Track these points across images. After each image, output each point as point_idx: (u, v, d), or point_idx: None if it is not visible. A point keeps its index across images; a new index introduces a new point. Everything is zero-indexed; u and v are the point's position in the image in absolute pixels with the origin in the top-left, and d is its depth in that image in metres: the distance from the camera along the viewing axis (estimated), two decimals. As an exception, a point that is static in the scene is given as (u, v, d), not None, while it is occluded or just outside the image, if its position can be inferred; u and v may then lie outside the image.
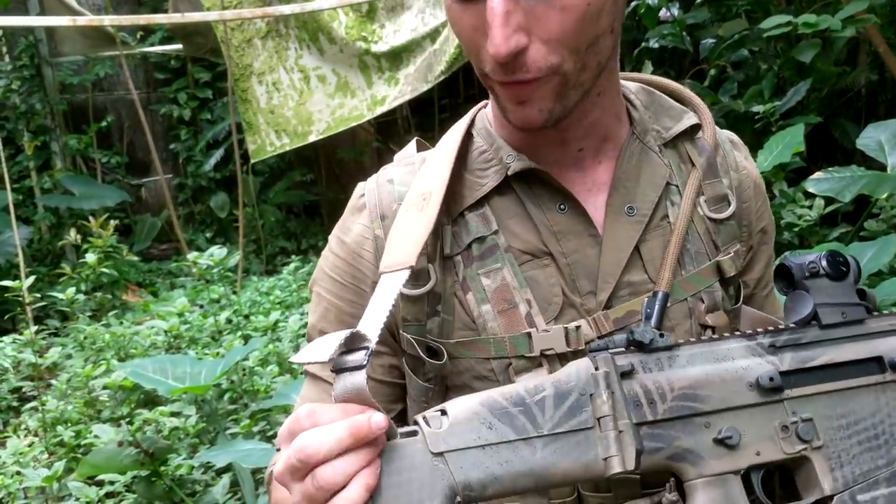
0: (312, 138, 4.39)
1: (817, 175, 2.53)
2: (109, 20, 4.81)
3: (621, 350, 0.70)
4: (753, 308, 0.91)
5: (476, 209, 0.86)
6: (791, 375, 0.72)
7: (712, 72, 3.74)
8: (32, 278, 3.51)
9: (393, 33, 4.21)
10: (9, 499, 2.48)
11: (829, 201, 2.69)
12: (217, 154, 6.15)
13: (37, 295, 3.69)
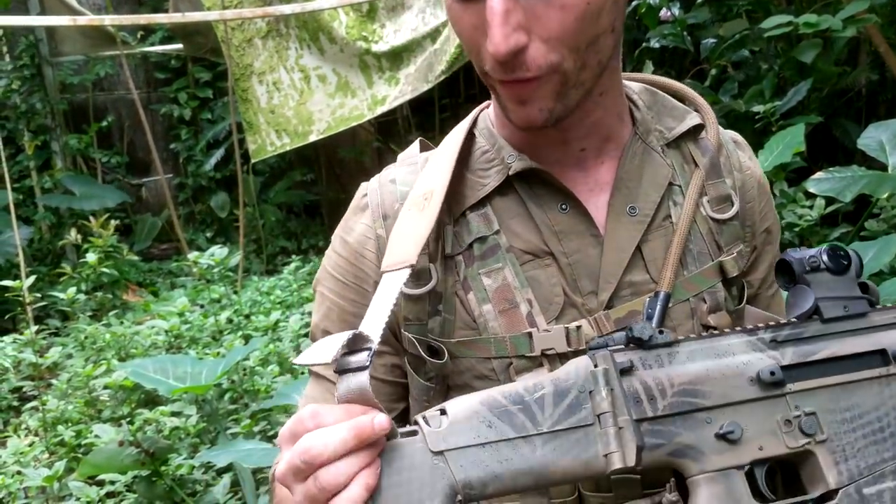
0: (313, 138, 4.39)
1: (818, 175, 2.53)
2: (110, 20, 4.82)
3: (620, 347, 0.70)
4: (759, 308, 0.91)
5: (477, 209, 0.86)
6: (793, 370, 0.71)
7: (713, 72, 3.74)
8: (33, 278, 3.52)
9: (393, 33, 4.21)
10: (9, 499, 2.48)
11: (830, 201, 2.68)
12: (217, 154, 6.15)
13: (37, 295, 3.69)
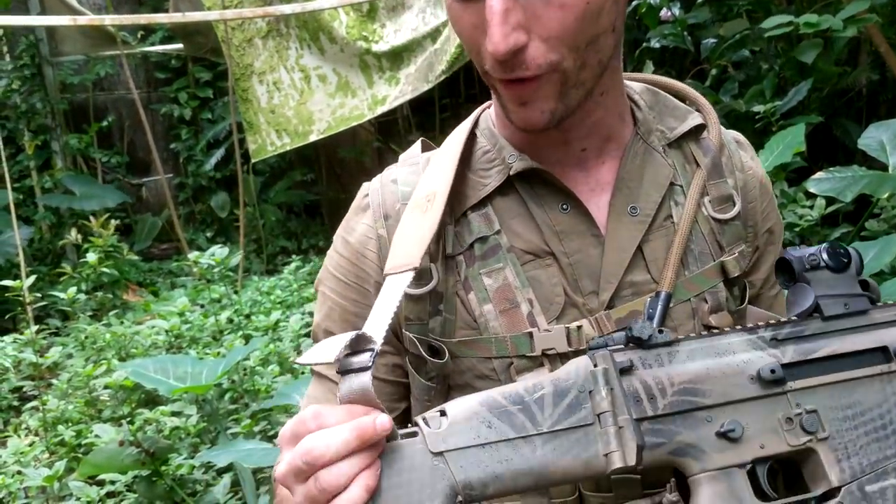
0: (313, 138, 4.39)
1: (818, 175, 2.52)
2: (110, 19, 4.82)
3: (620, 347, 0.70)
4: (761, 308, 0.91)
5: (478, 209, 0.86)
6: (794, 367, 0.71)
7: (713, 71, 3.73)
8: (33, 278, 3.52)
9: (394, 33, 4.21)
10: (9, 498, 2.48)
11: (831, 201, 2.68)
12: (218, 154, 6.15)
13: (37, 294, 3.69)
